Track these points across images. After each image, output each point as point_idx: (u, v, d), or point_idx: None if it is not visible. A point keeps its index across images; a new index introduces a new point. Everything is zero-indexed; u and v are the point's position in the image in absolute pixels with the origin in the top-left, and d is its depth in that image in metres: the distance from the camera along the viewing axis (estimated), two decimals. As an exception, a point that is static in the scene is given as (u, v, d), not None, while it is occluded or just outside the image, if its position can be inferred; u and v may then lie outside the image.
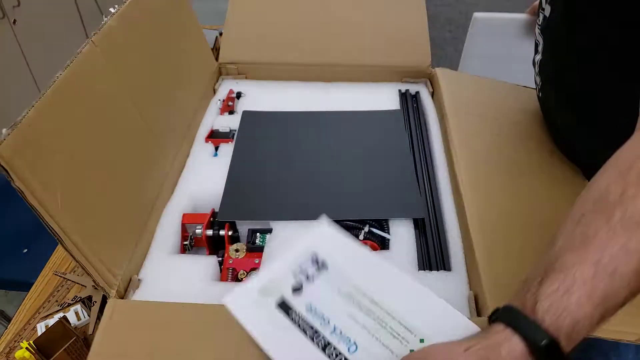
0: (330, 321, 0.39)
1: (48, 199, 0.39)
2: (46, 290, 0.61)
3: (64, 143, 0.42)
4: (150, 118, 0.57)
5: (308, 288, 0.41)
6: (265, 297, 0.41)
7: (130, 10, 0.56)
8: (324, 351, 0.38)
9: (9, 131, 0.36)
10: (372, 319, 0.39)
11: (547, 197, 0.55)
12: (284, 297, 0.41)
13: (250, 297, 0.41)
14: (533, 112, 0.69)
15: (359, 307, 0.40)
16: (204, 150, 0.67)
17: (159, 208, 0.57)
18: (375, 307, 0.39)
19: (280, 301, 0.40)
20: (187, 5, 0.72)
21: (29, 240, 0.95)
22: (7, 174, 0.36)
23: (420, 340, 0.37)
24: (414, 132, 0.70)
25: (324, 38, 0.81)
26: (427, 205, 0.58)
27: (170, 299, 0.48)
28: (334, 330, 0.39)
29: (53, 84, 0.42)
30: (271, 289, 0.41)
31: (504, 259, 0.48)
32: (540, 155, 0.61)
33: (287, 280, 0.42)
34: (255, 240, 0.55)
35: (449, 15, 2.64)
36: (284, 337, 0.39)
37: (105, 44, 0.50)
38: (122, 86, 0.52)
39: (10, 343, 0.55)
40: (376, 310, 0.39)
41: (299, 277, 0.42)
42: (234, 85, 0.81)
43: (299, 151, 0.66)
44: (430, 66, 0.79)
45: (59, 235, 0.40)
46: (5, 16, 1.32)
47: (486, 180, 0.56)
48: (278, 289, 0.41)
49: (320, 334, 0.39)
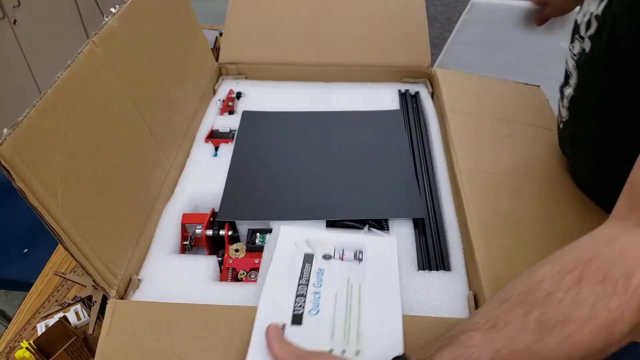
0: (322, 284, 0.47)
1: (49, 199, 0.39)
2: (46, 290, 0.61)
3: (65, 143, 0.42)
4: (151, 118, 0.57)
5: (334, 261, 0.50)
6: (307, 248, 0.51)
7: (131, 11, 0.56)
8: (296, 296, 0.45)
9: (10, 131, 0.36)
10: (345, 309, 0.45)
11: (548, 198, 0.55)
12: (313, 254, 0.50)
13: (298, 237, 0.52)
14: (535, 111, 0.69)
15: (347, 293, 0.46)
16: (204, 150, 0.67)
17: (159, 208, 0.57)
18: (355, 302, 0.45)
19: (310, 253, 0.50)
20: (188, 5, 0.72)
21: (29, 240, 0.95)
22: (8, 174, 0.36)
23: (356, 351, 0.41)
24: (414, 132, 0.70)
25: (324, 38, 0.81)
26: (427, 205, 0.58)
27: (170, 299, 0.48)
28: (316, 292, 0.46)
29: (54, 84, 0.42)
30: (313, 245, 0.51)
31: (504, 259, 0.48)
32: (541, 156, 0.61)
33: (327, 246, 0.51)
34: (255, 240, 0.55)
35: (449, 15, 2.64)
36: (285, 273, 0.48)
37: (106, 44, 0.50)
38: (122, 86, 0.52)
39: (10, 343, 0.55)
40: (354, 305, 0.45)
41: (336, 250, 0.51)
42: (234, 85, 0.81)
43: (298, 151, 0.66)
44: (430, 66, 0.79)
45: (60, 235, 0.40)
46: (5, 16, 1.32)
47: (486, 180, 0.56)
48: (319, 248, 0.51)
49: (306, 286, 0.46)
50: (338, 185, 0.60)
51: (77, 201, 0.43)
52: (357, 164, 0.64)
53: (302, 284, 0.47)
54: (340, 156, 0.65)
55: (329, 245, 0.51)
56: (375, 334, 0.43)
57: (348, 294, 0.46)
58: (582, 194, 0.56)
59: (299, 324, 0.43)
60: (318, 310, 0.44)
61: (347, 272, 0.48)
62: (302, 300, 0.45)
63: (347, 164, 0.64)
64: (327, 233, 0.54)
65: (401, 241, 0.53)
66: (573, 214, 0.54)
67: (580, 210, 0.54)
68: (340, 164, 0.64)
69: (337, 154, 0.65)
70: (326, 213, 0.55)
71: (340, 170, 0.63)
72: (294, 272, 0.48)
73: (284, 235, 0.53)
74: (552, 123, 0.66)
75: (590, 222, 0.51)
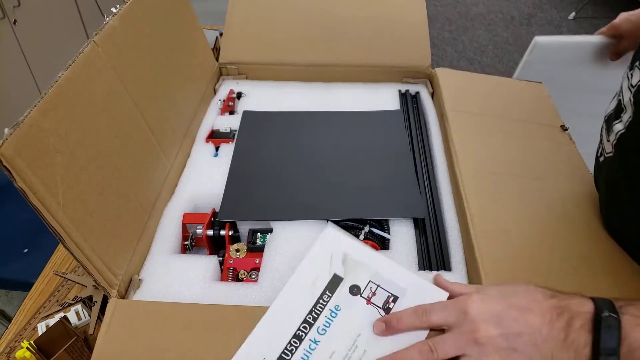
0: (326, 332, 0.42)
1: (50, 199, 0.39)
2: (47, 290, 0.61)
3: (66, 143, 0.42)
4: (151, 118, 0.57)
5: (359, 300, 0.44)
6: (340, 267, 0.46)
7: (132, 10, 0.56)
8: (293, 336, 0.41)
9: (11, 131, 0.36)
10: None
11: (548, 197, 0.55)
12: (342, 280, 0.45)
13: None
14: (537, 108, 0.68)
15: (345, 356, 0.41)
16: (205, 150, 0.67)
17: (159, 208, 0.57)
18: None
19: (339, 276, 0.45)
20: (188, 5, 0.72)
21: (30, 240, 0.95)
22: (10, 174, 0.36)
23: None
24: (414, 132, 0.70)
25: (324, 38, 0.81)
26: (427, 205, 0.58)
27: (170, 299, 0.48)
28: (314, 341, 0.41)
29: (55, 83, 0.42)
30: (348, 267, 0.46)
31: (504, 259, 0.48)
32: (543, 153, 0.61)
33: (361, 274, 0.45)
34: (256, 240, 0.55)
35: (449, 15, 2.64)
36: (302, 294, 0.44)
37: (107, 44, 0.50)
38: (123, 86, 0.52)
39: (10, 343, 0.55)
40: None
41: (370, 284, 0.45)
42: (234, 85, 0.81)
43: (299, 151, 0.66)
44: (430, 66, 0.79)
45: (61, 235, 0.40)
46: (5, 16, 1.32)
47: (486, 180, 0.56)
48: (351, 273, 0.45)
49: (308, 327, 0.42)
50: (338, 186, 0.60)
51: (78, 201, 0.43)
52: (358, 164, 0.64)
53: (308, 321, 0.42)
54: (341, 156, 0.65)
55: (365, 273, 0.45)
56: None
57: (345, 357, 0.40)
58: (586, 192, 0.55)
59: None
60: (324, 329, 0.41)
61: (363, 323, 0.42)
62: (296, 345, 0.41)
63: (348, 164, 0.64)
64: (372, 253, 0.47)
65: (401, 241, 0.53)
66: (576, 212, 0.53)
67: (584, 209, 0.54)
68: (341, 164, 0.64)
69: (337, 154, 0.65)
70: (326, 213, 0.55)
71: (340, 171, 0.63)
72: (309, 298, 0.43)
73: (327, 238, 0.48)
74: (555, 119, 0.66)
75: (595, 221, 0.52)
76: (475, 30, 2.52)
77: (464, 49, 2.37)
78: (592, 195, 0.55)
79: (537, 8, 2.69)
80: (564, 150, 0.62)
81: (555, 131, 0.64)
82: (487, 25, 2.56)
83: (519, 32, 2.49)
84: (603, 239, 0.50)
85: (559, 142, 0.63)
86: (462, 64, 2.27)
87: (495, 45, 2.39)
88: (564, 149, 0.62)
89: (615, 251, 0.49)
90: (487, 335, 0.36)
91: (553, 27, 2.52)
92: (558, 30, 2.49)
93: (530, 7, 2.71)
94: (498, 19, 2.61)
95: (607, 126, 0.50)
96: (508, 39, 2.45)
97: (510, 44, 2.41)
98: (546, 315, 0.36)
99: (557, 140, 0.63)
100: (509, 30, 2.51)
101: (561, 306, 0.36)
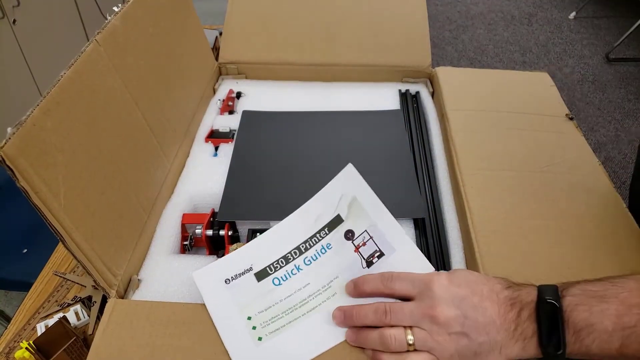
0: (311, 263, 0.45)
1: (51, 198, 0.39)
2: (46, 290, 0.61)
3: (67, 142, 0.42)
4: (152, 117, 0.57)
5: (349, 244, 0.46)
6: (347, 206, 0.48)
7: (133, 10, 0.56)
8: (282, 257, 0.45)
9: (14, 130, 0.36)
10: (293, 304, 0.44)
11: (552, 191, 0.54)
12: (343, 221, 0.47)
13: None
14: (540, 99, 0.67)
15: (315, 291, 0.44)
16: (204, 150, 0.67)
17: (159, 208, 0.57)
18: (309, 305, 0.44)
19: (342, 216, 0.48)
20: (189, 4, 0.72)
21: (29, 241, 0.95)
22: (12, 174, 0.36)
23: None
24: (414, 132, 0.70)
25: (324, 38, 0.81)
26: (428, 205, 0.58)
27: (170, 299, 0.48)
28: (297, 267, 0.45)
29: (57, 82, 0.42)
30: (354, 209, 0.48)
31: (504, 259, 0.48)
32: (546, 145, 0.61)
33: (362, 220, 0.47)
34: (256, 240, 0.55)
35: (449, 14, 2.64)
36: (305, 221, 0.48)
37: (109, 44, 0.50)
38: (124, 85, 0.52)
39: (10, 343, 0.55)
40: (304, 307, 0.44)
41: (365, 233, 0.46)
42: (233, 85, 0.81)
43: (298, 151, 0.66)
44: (431, 66, 0.79)
45: (61, 235, 0.40)
46: (5, 16, 1.32)
47: (487, 179, 0.56)
48: (353, 217, 0.47)
49: (298, 253, 0.46)
50: (338, 185, 0.60)
51: (79, 200, 0.42)
52: (357, 164, 0.63)
53: (300, 248, 0.45)
54: (341, 156, 0.65)
55: (365, 221, 0.46)
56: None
57: (315, 292, 0.44)
58: (591, 182, 0.55)
59: (257, 280, 0.44)
60: (280, 284, 0.44)
61: (343, 268, 0.45)
62: (282, 265, 0.45)
63: (347, 164, 0.63)
64: (379, 205, 0.47)
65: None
66: (581, 205, 0.53)
67: (590, 201, 0.53)
68: (341, 164, 0.64)
69: (337, 154, 0.65)
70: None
71: (340, 171, 0.62)
72: (308, 230, 0.46)
73: (344, 176, 0.50)
74: (560, 109, 0.65)
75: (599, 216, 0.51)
76: (475, 29, 2.52)
77: (464, 49, 2.37)
78: (598, 184, 0.55)
79: (537, 7, 2.69)
80: (570, 140, 0.61)
81: (561, 121, 0.63)
82: (487, 24, 2.56)
83: (519, 31, 2.49)
84: (608, 234, 0.50)
85: (564, 132, 0.62)
86: (462, 63, 2.27)
87: (496, 45, 2.39)
88: (569, 139, 0.61)
89: (627, 245, 0.48)
90: (444, 315, 0.36)
91: (553, 27, 2.52)
92: (559, 30, 2.49)
93: (530, 6, 2.71)
94: (498, 18, 2.61)
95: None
96: (508, 38, 2.45)
97: (511, 44, 2.41)
98: (501, 307, 0.36)
99: (562, 131, 0.62)
100: (510, 29, 2.51)
101: (513, 297, 0.36)
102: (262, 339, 0.41)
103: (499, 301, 0.36)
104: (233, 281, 0.45)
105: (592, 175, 0.56)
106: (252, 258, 0.46)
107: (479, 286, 0.37)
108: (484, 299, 0.36)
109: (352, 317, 0.40)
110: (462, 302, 0.36)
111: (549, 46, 2.39)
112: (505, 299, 0.36)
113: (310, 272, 0.45)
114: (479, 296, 0.36)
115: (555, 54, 2.33)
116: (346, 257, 0.45)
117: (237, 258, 0.46)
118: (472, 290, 0.37)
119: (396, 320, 0.37)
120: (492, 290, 0.37)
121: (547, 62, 2.28)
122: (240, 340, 0.41)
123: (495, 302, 0.36)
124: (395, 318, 0.37)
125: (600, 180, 0.55)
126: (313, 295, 0.44)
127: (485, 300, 0.36)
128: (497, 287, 0.37)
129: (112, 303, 0.45)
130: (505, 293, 0.37)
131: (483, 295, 0.36)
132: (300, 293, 0.44)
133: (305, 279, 0.45)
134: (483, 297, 0.36)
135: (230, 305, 0.43)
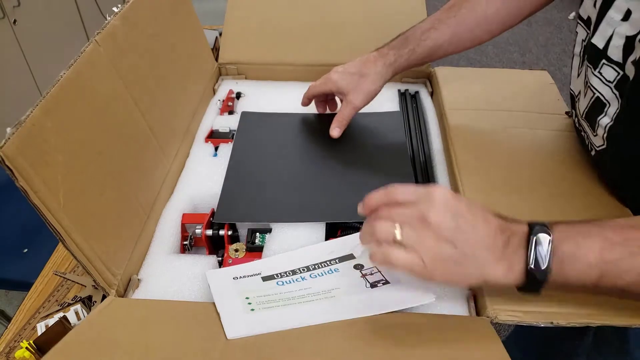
0: (315, 278, 0.47)
1: (50, 198, 0.39)
2: (46, 290, 0.61)
3: (67, 142, 0.42)
4: (152, 118, 0.57)
5: (355, 273, 0.48)
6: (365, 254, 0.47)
7: (133, 10, 0.56)
8: (290, 271, 0.48)
9: (14, 130, 0.36)
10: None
11: (550, 196, 0.54)
12: (355, 257, 0.48)
13: None
14: (539, 97, 0.67)
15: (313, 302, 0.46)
16: (204, 150, 0.67)
17: (158, 208, 0.57)
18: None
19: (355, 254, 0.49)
20: (189, 5, 0.72)
21: (29, 240, 0.95)
22: (12, 173, 0.36)
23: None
24: (414, 132, 0.70)
25: (324, 38, 0.81)
26: (427, 205, 0.58)
27: (169, 299, 0.48)
28: (302, 278, 0.48)
29: (57, 82, 0.42)
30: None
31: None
32: (544, 143, 0.61)
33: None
34: (255, 240, 0.55)
35: (449, 15, 2.63)
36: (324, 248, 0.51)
37: (109, 44, 0.50)
38: (124, 86, 0.52)
39: (10, 343, 0.55)
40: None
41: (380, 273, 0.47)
42: (233, 85, 0.81)
43: (297, 152, 0.66)
44: (430, 66, 0.79)
45: (61, 235, 0.40)
46: (5, 16, 1.33)
47: (487, 177, 0.56)
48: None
49: (306, 271, 0.48)
50: (337, 187, 0.60)
51: (79, 200, 0.43)
52: (357, 165, 0.64)
53: (308, 267, 0.48)
54: (340, 157, 0.65)
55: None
56: None
57: (315, 294, 0.45)
58: (590, 179, 0.55)
59: (263, 281, 0.47)
60: (282, 284, 0.47)
61: (346, 284, 0.46)
62: (288, 275, 0.48)
63: (347, 165, 0.64)
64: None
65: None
66: (579, 205, 0.53)
67: (584, 202, 0.53)
68: (340, 165, 0.64)
69: (336, 155, 0.65)
70: (325, 215, 0.55)
71: (339, 172, 0.63)
72: (319, 257, 0.49)
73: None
74: (559, 106, 0.65)
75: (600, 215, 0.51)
76: (475, 30, 2.51)
77: (464, 49, 2.37)
78: (599, 184, 0.55)
79: (537, 8, 2.69)
80: (569, 138, 0.61)
81: (560, 118, 0.63)
82: (487, 25, 2.55)
83: (519, 32, 2.49)
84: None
85: (563, 129, 0.62)
86: (462, 64, 2.27)
87: (496, 45, 2.39)
88: (568, 137, 0.61)
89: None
90: (437, 219, 0.37)
91: (553, 27, 2.52)
92: (558, 30, 2.49)
93: (530, 7, 2.70)
94: (498, 18, 2.60)
95: (588, 123, 0.53)
96: (508, 39, 2.45)
97: (510, 44, 2.41)
98: (493, 230, 0.37)
99: (561, 128, 0.62)
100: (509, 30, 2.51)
101: (504, 225, 0.38)
102: (254, 310, 0.44)
103: (491, 225, 0.38)
104: (241, 279, 0.48)
105: (592, 174, 0.56)
106: (262, 268, 0.49)
107: (477, 209, 0.38)
108: (479, 219, 0.38)
109: (367, 198, 0.41)
110: (457, 214, 0.37)
111: (549, 46, 2.39)
112: (497, 225, 0.38)
113: (314, 283, 0.47)
114: (473, 215, 0.38)
115: (555, 54, 2.33)
116: (351, 278, 0.47)
117: (249, 267, 0.50)
118: (470, 209, 0.38)
119: (396, 200, 0.39)
120: (487, 215, 0.38)
121: (546, 62, 2.28)
122: (234, 310, 0.44)
123: (488, 224, 0.38)
124: (396, 214, 0.38)
125: (600, 179, 0.55)
126: (312, 295, 0.45)
127: (480, 220, 0.38)
128: (492, 216, 0.39)
129: (108, 301, 0.45)
130: (500, 221, 0.38)
131: (478, 216, 0.38)
132: (300, 292, 0.46)
133: (307, 284, 0.47)
134: (477, 218, 0.38)
135: (233, 291, 0.46)
